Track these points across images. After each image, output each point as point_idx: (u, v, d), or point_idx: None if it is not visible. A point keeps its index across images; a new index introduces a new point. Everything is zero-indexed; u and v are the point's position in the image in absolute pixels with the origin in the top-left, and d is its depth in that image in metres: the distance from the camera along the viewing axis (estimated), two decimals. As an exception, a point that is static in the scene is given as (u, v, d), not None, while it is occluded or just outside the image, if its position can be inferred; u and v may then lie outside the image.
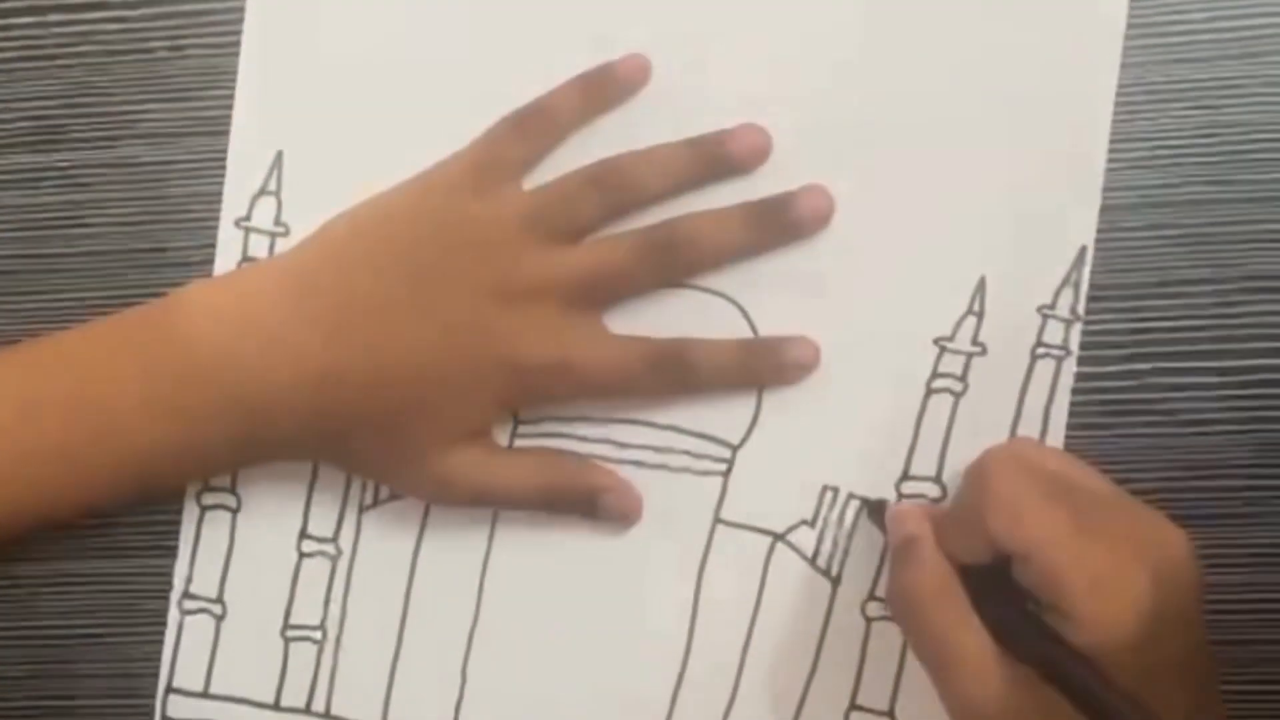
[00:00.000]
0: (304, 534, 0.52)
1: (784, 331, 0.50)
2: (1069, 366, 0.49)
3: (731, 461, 0.51)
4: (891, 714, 0.51)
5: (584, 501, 0.50)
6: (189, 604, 0.53)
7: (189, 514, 0.52)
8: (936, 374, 0.50)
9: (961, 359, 0.50)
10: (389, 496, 0.52)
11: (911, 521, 0.47)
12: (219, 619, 0.53)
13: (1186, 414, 0.50)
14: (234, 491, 0.52)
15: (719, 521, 0.51)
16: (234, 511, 0.52)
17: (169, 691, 0.53)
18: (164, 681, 0.53)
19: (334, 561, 0.52)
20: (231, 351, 0.48)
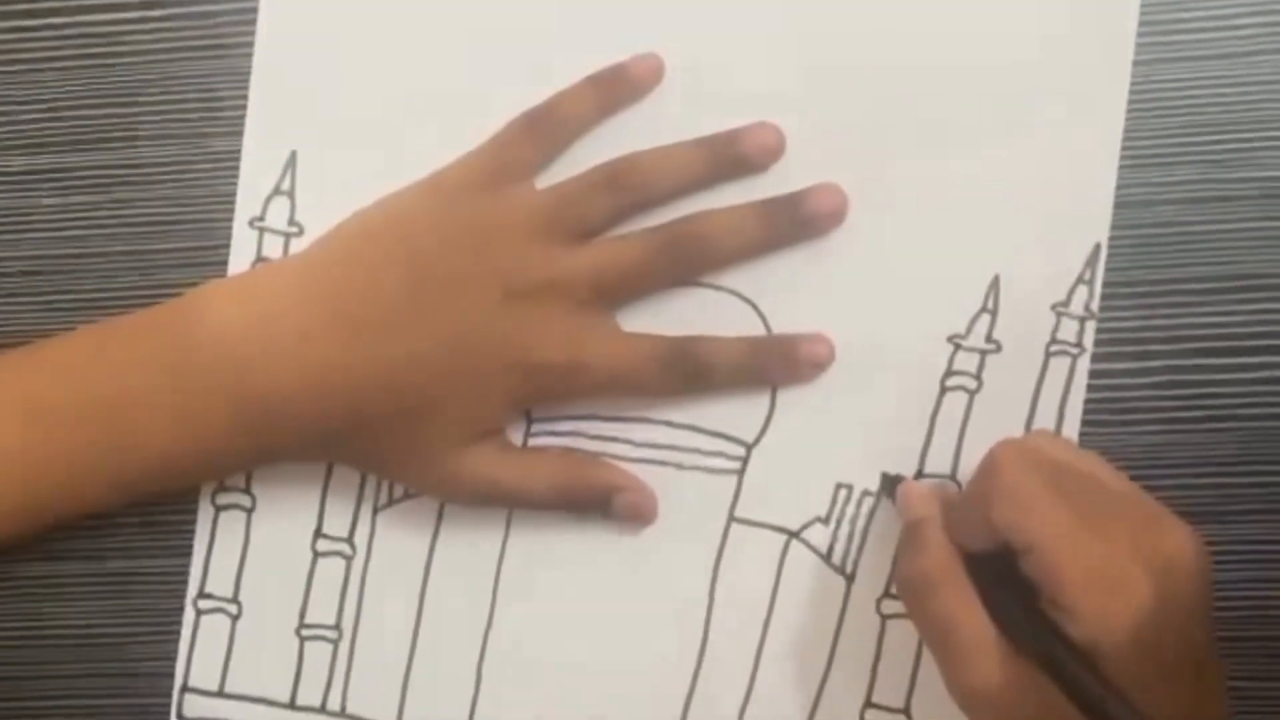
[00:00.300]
0: (319, 533, 0.52)
1: (798, 329, 0.50)
2: (1083, 364, 0.49)
3: (746, 459, 0.51)
4: (907, 712, 0.51)
5: (599, 501, 0.50)
6: (204, 604, 0.53)
7: (204, 514, 0.52)
8: (951, 371, 0.50)
9: (976, 356, 0.50)
10: (403, 496, 0.52)
11: (920, 504, 0.48)
12: (234, 618, 0.53)
13: (1200, 411, 0.50)
14: (249, 491, 0.52)
15: (734, 519, 0.51)
16: (249, 511, 0.52)
17: (184, 691, 0.53)
18: (179, 681, 0.53)
19: (349, 561, 0.52)
20: (245, 351, 0.48)
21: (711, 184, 0.50)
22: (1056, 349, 0.50)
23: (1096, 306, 0.49)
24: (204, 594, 0.53)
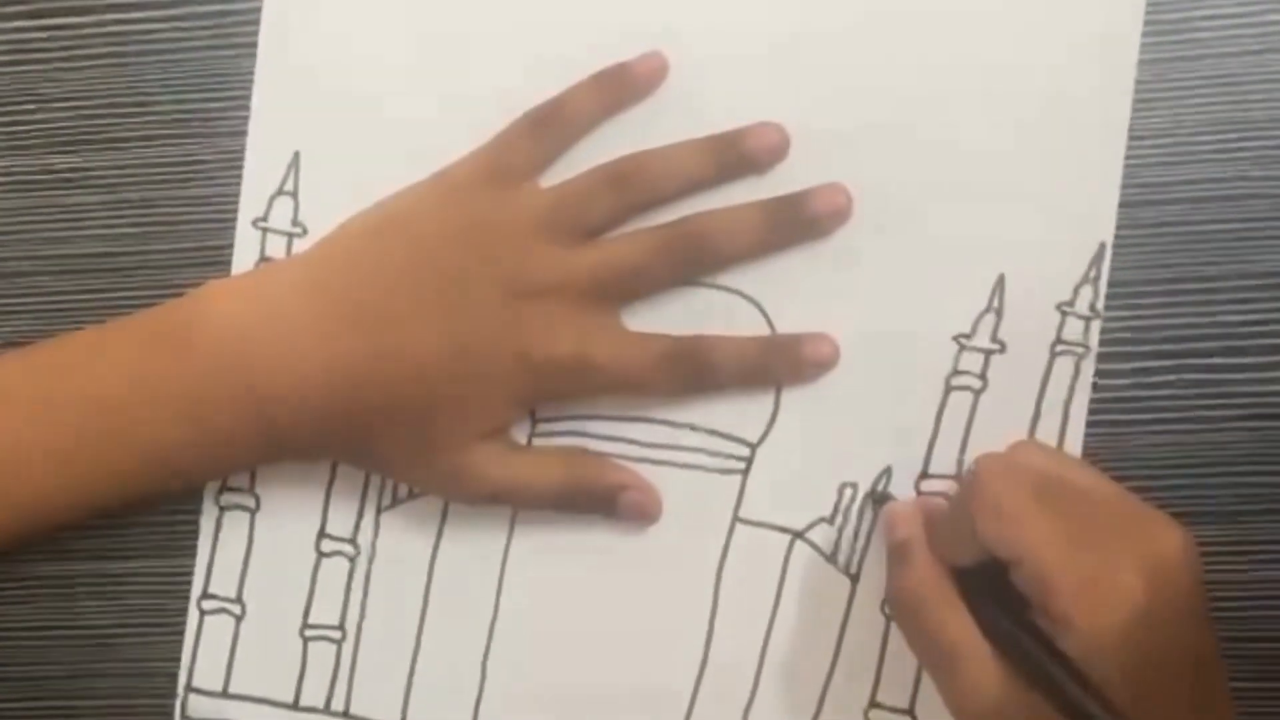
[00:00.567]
0: (323, 533, 0.52)
1: (802, 329, 0.50)
2: (1088, 363, 0.49)
3: (750, 459, 0.51)
4: (911, 712, 0.51)
5: (604, 500, 0.50)
6: (208, 604, 0.53)
7: (208, 514, 0.52)
8: (956, 371, 0.50)
9: (981, 356, 0.50)
10: (407, 495, 0.52)
11: (903, 525, 0.47)
12: (238, 619, 0.53)
13: (1207, 410, 0.49)
14: (253, 492, 0.52)
15: (738, 520, 0.51)
16: (253, 512, 0.52)
17: (189, 691, 0.53)
18: (184, 681, 0.53)
19: (353, 561, 0.52)
20: (249, 350, 0.48)
21: (715, 184, 0.50)
22: (1062, 349, 0.49)
23: (1102, 306, 0.49)
24: (208, 594, 0.53)
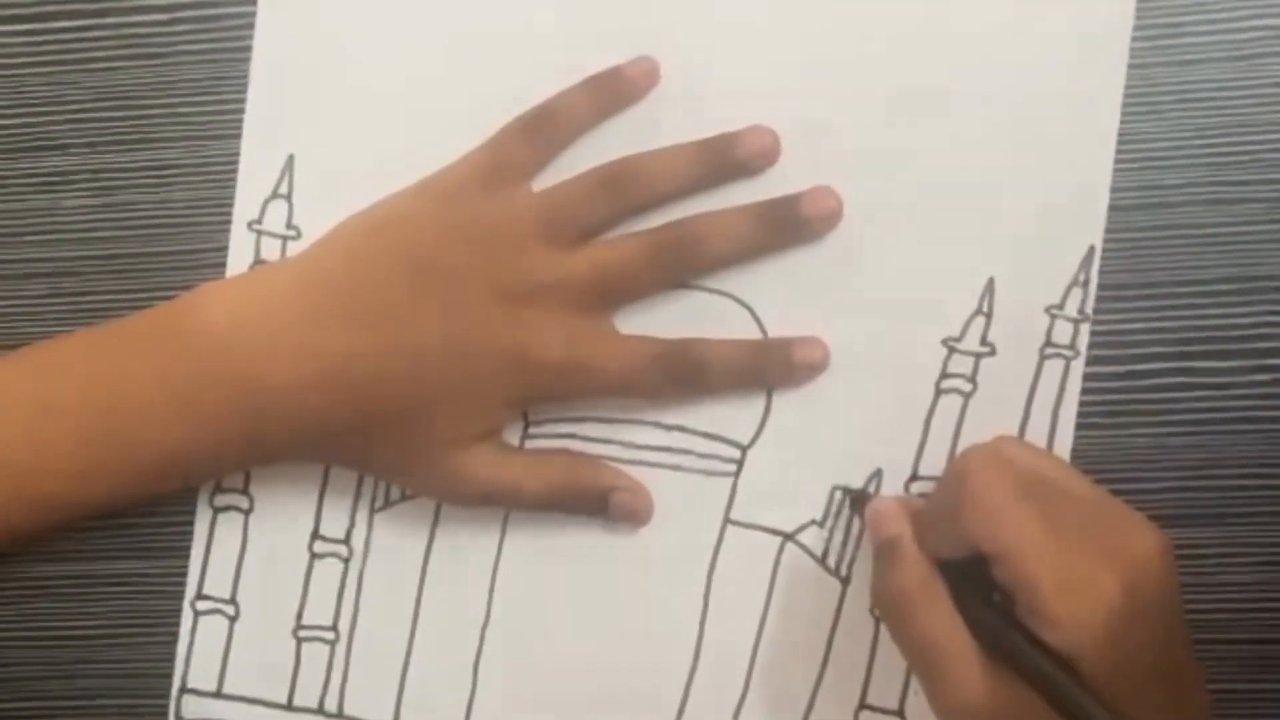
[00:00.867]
0: (316, 535, 0.52)
1: (793, 332, 0.50)
2: (1077, 366, 0.49)
3: (741, 462, 0.51)
4: (901, 713, 0.51)
5: (595, 501, 0.51)
6: (202, 605, 0.53)
7: (201, 515, 0.53)
8: (945, 374, 0.50)
9: (970, 359, 0.50)
10: (400, 497, 0.52)
11: (891, 522, 0.47)
12: (232, 620, 0.53)
13: (1195, 413, 0.50)
14: (246, 493, 0.53)
15: (729, 522, 0.51)
16: (246, 513, 0.53)
17: (183, 692, 0.53)
18: (178, 682, 0.53)
19: (346, 562, 0.52)
20: (243, 351, 0.48)
21: (707, 187, 0.50)
22: (1051, 352, 0.50)
23: (1091, 309, 0.49)
24: (202, 595, 0.53)
